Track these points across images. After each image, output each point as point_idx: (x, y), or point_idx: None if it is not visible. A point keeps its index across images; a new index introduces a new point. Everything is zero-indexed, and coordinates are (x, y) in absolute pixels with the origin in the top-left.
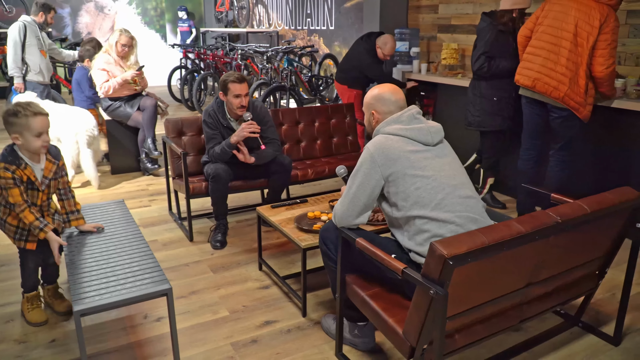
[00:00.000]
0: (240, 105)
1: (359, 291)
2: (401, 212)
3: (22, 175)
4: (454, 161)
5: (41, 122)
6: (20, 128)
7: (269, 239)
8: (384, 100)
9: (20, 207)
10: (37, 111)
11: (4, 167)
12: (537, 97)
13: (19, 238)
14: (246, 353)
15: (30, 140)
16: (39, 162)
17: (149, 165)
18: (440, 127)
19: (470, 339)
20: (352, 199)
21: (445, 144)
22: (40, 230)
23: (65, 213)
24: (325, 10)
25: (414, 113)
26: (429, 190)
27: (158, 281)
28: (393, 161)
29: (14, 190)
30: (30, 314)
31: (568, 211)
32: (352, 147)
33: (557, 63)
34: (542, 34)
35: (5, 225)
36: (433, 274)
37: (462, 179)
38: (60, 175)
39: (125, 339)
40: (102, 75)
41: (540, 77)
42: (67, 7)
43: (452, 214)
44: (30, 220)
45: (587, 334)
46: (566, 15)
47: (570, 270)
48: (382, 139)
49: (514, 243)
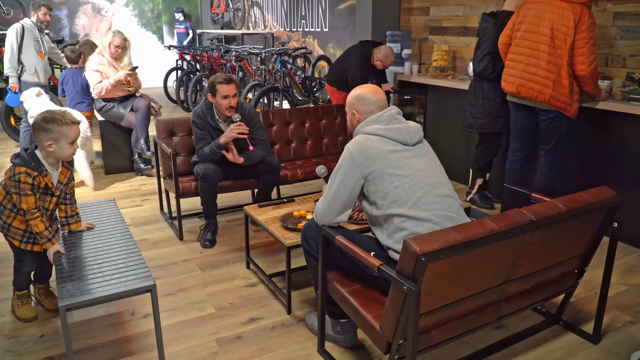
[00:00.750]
0: (229, 106)
1: (339, 288)
2: (380, 210)
3: (41, 182)
4: (433, 161)
5: (76, 131)
6: (57, 135)
7: (257, 238)
8: (364, 100)
9: (32, 215)
10: (74, 120)
11: (26, 173)
12: (524, 102)
13: (26, 241)
14: (230, 349)
15: (64, 147)
16: (57, 168)
17: (142, 166)
18: (420, 127)
19: (447, 335)
20: (333, 198)
21: (424, 144)
22: (47, 241)
23: (65, 217)
24: (319, 12)
25: (394, 113)
26: (407, 189)
27: (143, 277)
28: (372, 160)
29: (30, 198)
30: (20, 310)
31: (542, 210)
32: (342, 147)
33: (538, 67)
34: (520, 40)
35: (9, 229)
36: (407, 271)
37: (440, 178)
38: (70, 180)
39: (112, 335)
40: (96, 76)
41: (524, 82)
42: (65, 8)
43: (429, 212)
44: (40, 229)
45: (567, 332)
46: (541, 19)
47: (548, 268)
48: (362, 139)
49: (487, 241)
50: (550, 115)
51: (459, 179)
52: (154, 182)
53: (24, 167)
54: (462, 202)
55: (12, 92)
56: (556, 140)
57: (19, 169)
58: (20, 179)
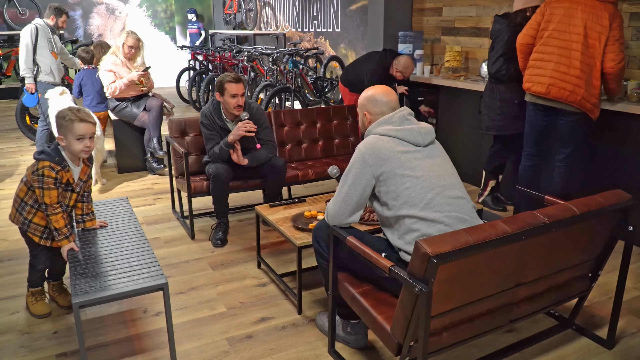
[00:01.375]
0: (237, 105)
1: (349, 288)
2: (391, 211)
3: (64, 176)
4: (445, 162)
5: (85, 128)
6: (65, 130)
7: (268, 238)
8: (375, 102)
9: (54, 210)
10: (84, 118)
11: (50, 167)
12: (550, 103)
13: (46, 237)
14: (241, 348)
15: (72, 142)
16: (78, 165)
17: (154, 165)
18: (431, 128)
19: (458, 338)
20: (344, 199)
21: (436, 145)
22: (65, 238)
23: (81, 214)
24: (331, 13)
25: (405, 114)
26: (419, 190)
27: (155, 276)
28: (384, 161)
29: (53, 192)
30: (34, 307)
31: (556, 212)
32: (353, 148)
33: (570, 66)
34: (549, 38)
35: (30, 225)
36: (418, 272)
37: (452, 179)
38: (89, 178)
39: (124, 332)
40: (109, 76)
41: (555, 82)
42: (79, 9)
43: (441, 214)
44: (60, 225)
45: (580, 337)
46: (572, 17)
47: (561, 271)
48: (373, 140)
49: (499, 243)
50: (574, 118)
51: (470, 180)
52: (166, 181)
53: (48, 162)
54: (474, 204)
55: (29, 92)
56: (576, 144)
57: (43, 164)
58: (44, 172)
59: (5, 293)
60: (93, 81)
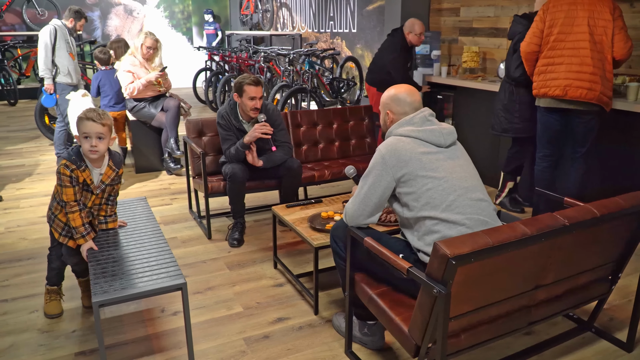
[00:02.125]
0: (254, 108)
1: (366, 289)
2: (412, 212)
3: (80, 176)
4: (467, 163)
5: (90, 127)
6: (77, 128)
7: (284, 238)
8: (399, 101)
9: (71, 208)
10: (91, 117)
11: (65, 165)
12: (567, 105)
13: (64, 235)
14: (258, 348)
15: (81, 141)
16: (99, 167)
17: (171, 165)
18: (453, 129)
19: (476, 340)
20: (363, 199)
21: (457, 146)
22: (81, 237)
23: (105, 216)
24: (347, 13)
25: (427, 115)
26: (440, 192)
27: (174, 276)
28: (404, 163)
29: (69, 189)
30: (47, 305)
31: (575, 214)
32: (369, 149)
33: (583, 64)
34: (556, 42)
35: (55, 220)
36: (436, 274)
37: (474, 181)
38: (116, 183)
39: (142, 331)
40: (128, 76)
41: (570, 82)
42: (97, 10)
43: (463, 216)
44: (76, 224)
45: (599, 340)
46: (574, 18)
47: (580, 274)
48: (394, 141)
49: (518, 245)
50: (588, 117)
51: (487, 182)
52: (183, 181)
53: (65, 160)
54: (495, 206)
55: (47, 93)
56: (590, 142)
57: (62, 162)
58: (60, 170)
59: (24, 292)
60: (111, 82)
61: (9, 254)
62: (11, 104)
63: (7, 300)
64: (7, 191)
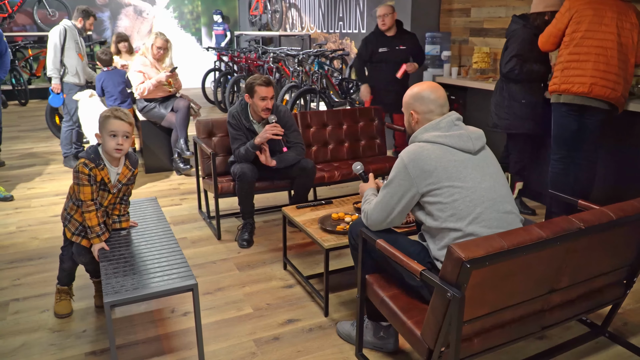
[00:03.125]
0: (265, 108)
1: (378, 291)
2: (436, 222)
3: (98, 174)
4: (497, 171)
5: (118, 125)
6: (101, 127)
7: (294, 239)
8: (422, 99)
9: (88, 207)
10: (119, 115)
11: (84, 163)
12: (588, 102)
13: (77, 234)
14: (268, 350)
15: (105, 139)
16: (117, 166)
17: (181, 165)
18: (482, 132)
19: (490, 344)
20: (385, 207)
21: (487, 152)
22: (96, 237)
23: (118, 215)
24: (357, 14)
25: (454, 119)
26: (467, 203)
27: (185, 277)
28: (429, 173)
29: (87, 188)
30: (57, 305)
31: (591, 217)
32: (379, 150)
33: (609, 64)
34: (583, 39)
35: (70, 220)
36: (450, 277)
37: (503, 191)
38: (131, 182)
39: (152, 332)
40: (138, 77)
41: (597, 81)
42: (107, 10)
43: (489, 230)
44: (92, 224)
45: (613, 345)
46: (603, 17)
47: (595, 278)
48: (417, 149)
49: (533, 248)
50: (602, 116)
51: None
52: (192, 181)
53: (83, 159)
54: (522, 218)
55: (54, 93)
56: (596, 142)
57: (80, 160)
58: (79, 168)
59: (36, 291)
60: (114, 81)
61: (21, 253)
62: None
63: (18, 300)
64: (18, 190)
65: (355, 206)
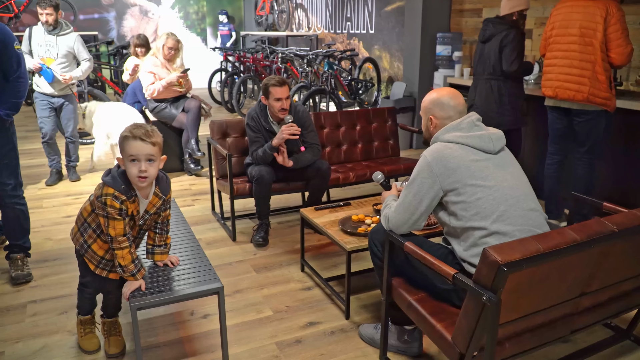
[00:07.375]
0: (281, 109)
1: (405, 295)
2: (460, 222)
3: (129, 208)
4: (517, 170)
5: (138, 148)
6: (120, 149)
7: (309, 241)
8: (442, 105)
9: (120, 244)
10: (138, 135)
11: (114, 196)
12: (561, 104)
13: (102, 268)
14: (291, 353)
15: (126, 165)
16: (147, 197)
17: (192, 166)
18: (502, 133)
19: (520, 348)
20: (407, 208)
21: (506, 152)
22: (131, 275)
23: (152, 245)
24: (365, 14)
25: (474, 120)
26: (491, 202)
27: (210, 280)
28: (452, 171)
29: (119, 223)
30: (82, 340)
31: (623, 220)
32: (392, 151)
33: (571, 67)
34: (553, 44)
35: (88, 250)
36: (485, 281)
37: (525, 189)
38: (163, 210)
39: (174, 334)
40: (149, 77)
41: (560, 84)
42: (113, 11)
43: (514, 227)
44: (125, 262)
45: (638, 349)
46: (569, 21)
47: (624, 281)
48: (441, 147)
49: (568, 251)
50: (587, 117)
51: None
52: (203, 182)
53: (112, 189)
54: (546, 216)
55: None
56: (592, 141)
57: (107, 190)
58: (107, 201)
59: (53, 293)
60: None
61: (35, 254)
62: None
63: (35, 301)
64: (28, 191)
65: (375, 208)
